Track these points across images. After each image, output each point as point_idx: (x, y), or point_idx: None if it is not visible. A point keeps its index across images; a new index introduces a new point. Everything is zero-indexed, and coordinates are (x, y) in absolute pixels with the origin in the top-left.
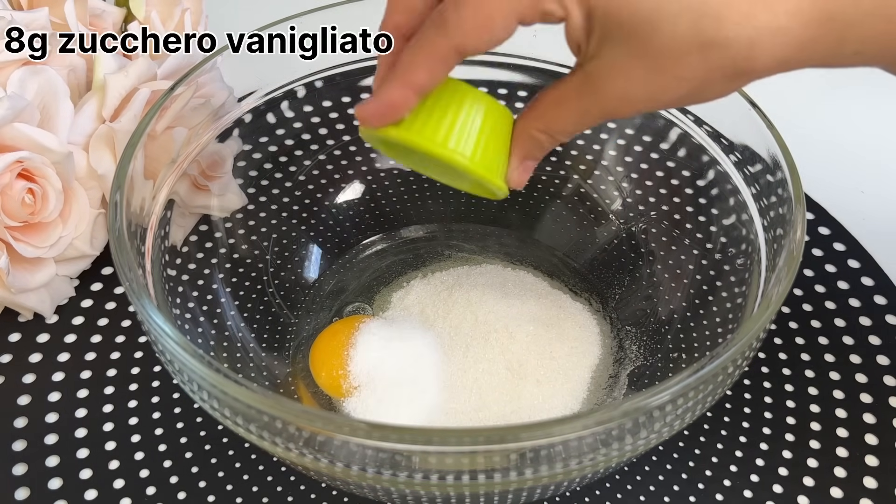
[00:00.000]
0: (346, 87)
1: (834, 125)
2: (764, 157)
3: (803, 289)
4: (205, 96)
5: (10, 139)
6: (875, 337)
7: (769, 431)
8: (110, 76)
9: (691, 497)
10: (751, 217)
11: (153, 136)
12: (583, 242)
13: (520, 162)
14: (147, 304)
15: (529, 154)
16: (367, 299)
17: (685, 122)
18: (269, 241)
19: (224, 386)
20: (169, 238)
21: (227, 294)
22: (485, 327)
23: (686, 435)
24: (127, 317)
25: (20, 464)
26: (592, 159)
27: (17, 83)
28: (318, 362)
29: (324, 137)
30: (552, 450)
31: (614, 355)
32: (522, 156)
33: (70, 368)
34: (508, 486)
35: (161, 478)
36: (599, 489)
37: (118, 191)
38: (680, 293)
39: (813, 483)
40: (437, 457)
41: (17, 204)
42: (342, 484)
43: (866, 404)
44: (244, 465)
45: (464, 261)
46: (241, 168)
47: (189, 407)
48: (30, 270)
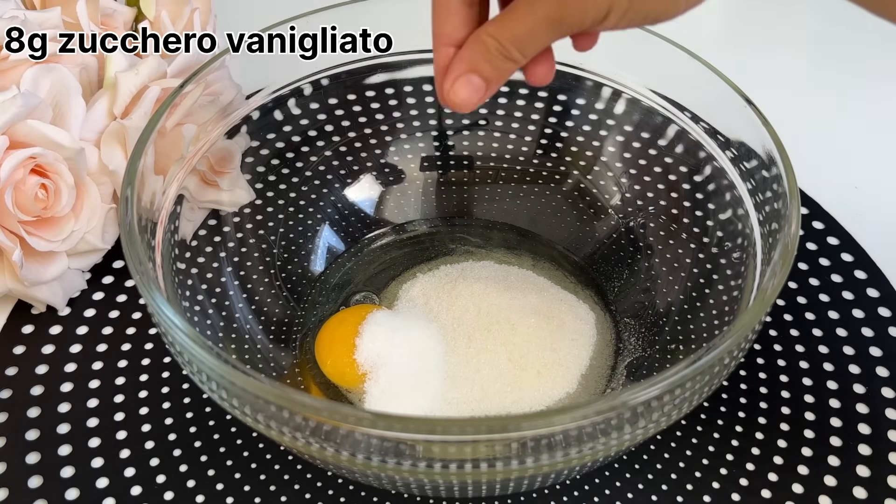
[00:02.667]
0: (352, 85)
1: (828, 122)
2: (759, 154)
3: (798, 282)
4: (213, 94)
5: (23, 136)
6: (868, 329)
7: (764, 421)
8: (121, 74)
9: (688, 485)
10: (747, 212)
11: (163, 132)
12: (583, 237)
13: (461, 72)
14: (157, 297)
15: (473, 62)
16: (373, 291)
17: (683, 119)
18: (277, 236)
19: (232, 377)
20: (178, 232)
21: (235, 287)
22: (487, 319)
23: (686, 423)
24: (137, 309)
25: (33, 452)
26: (592, 155)
27: (31, 81)
28: (324, 350)
29: (330, 134)
30: (553, 439)
31: (613, 347)
32: (466, 64)
33: (82, 360)
34: (510, 475)
35: (171, 466)
36: (599, 477)
37: (129, 186)
38: (678, 286)
39: (802, 490)
40: (440, 446)
41: (31, 199)
42: (347, 472)
43: (859, 395)
44: (253, 454)
45: (468, 254)
46: (249, 164)
47: (198, 397)
48: (43, 264)
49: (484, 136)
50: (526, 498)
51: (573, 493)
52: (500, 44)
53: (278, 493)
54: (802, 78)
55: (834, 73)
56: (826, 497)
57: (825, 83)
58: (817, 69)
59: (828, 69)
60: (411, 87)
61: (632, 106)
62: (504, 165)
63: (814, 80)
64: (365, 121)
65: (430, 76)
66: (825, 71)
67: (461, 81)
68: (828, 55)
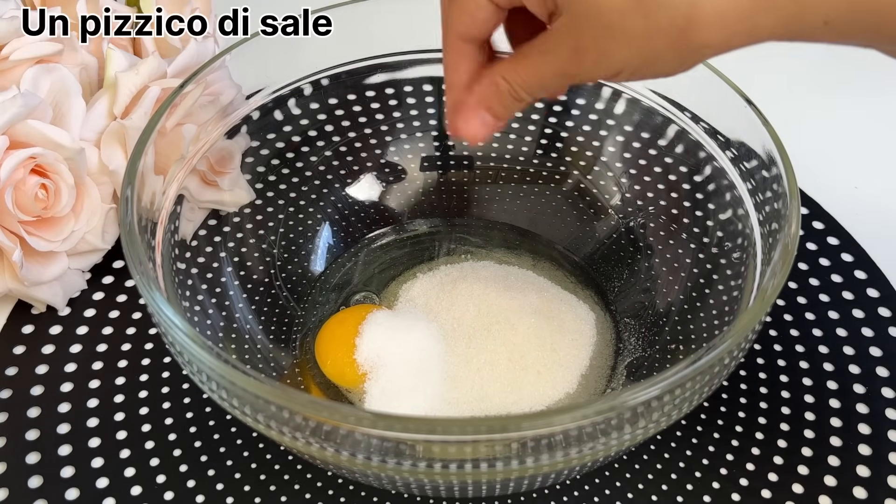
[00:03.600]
0: (352, 85)
1: (828, 122)
2: (760, 154)
3: (798, 282)
4: (213, 94)
5: (23, 136)
6: (868, 329)
7: (764, 421)
8: (121, 74)
9: (688, 485)
10: (747, 212)
11: (163, 132)
12: (583, 237)
13: (476, 109)
14: (157, 297)
15: (485, 100)
16: (373, 291)
17: (682, 119)
18: (277, 235)
19: (232, 376)
20: (178, 232)
21: (235, 287)
22: (487, 319)
23: (686, 423)
24: (137, 309)
25: (33, 452)
26: (592, 155)
27: (31, 81)
28: (324, 350)
29: (330, 134)
30: (552, 439)
31: (613, 347)
32: (478, 102)
33: (82, 360)
34: (510, 475)
35: (171, 466)
36: (599, 477)
37: (129, 186)
38: (678, 286)
39: (802, 490)
40: (440, 446)
41: (31, 199)
42: (347, 472)
43: (859, 395)
44: (253, 454)
45: (468, 254)
46: (249, 164)
47: (198, 397)
48: (43, 264)
49: None
50: (526, 498)
51: (573, 493)
52: (512, 87)
53: (278, 493)
54: (802, 78)
55: (834, 73)
56: (826, 497)
57: (825, 83)
58: (817, 69)
59: (828, 69)
60: (411, 87)
61: (632, 106)
62: (504, 165)
63: (814, 80)
64: (365, 121)
65: (429, 76)
66: (825, 71)
67: (474, 117)
68: (828, 55)
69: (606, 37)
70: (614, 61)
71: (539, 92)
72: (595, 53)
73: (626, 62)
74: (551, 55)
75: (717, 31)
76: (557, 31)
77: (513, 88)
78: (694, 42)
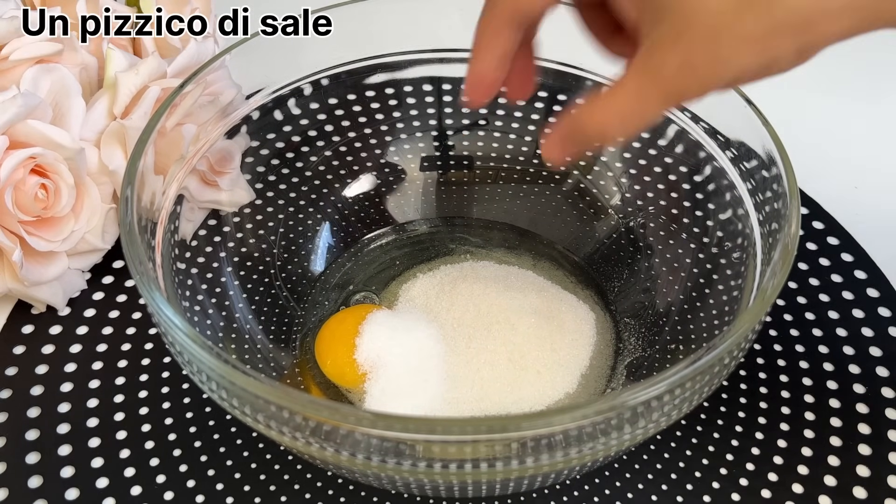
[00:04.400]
0: (352, 85)
1: (828, 122)
2: (759, 154)
3: (798, 282)
4: (213, 94)
5: (23, 136)
6: (868, 329)
7: (764, 421)
8: (121, 74)
9: (688, 485)
10: (747, 212)
11: (163, 132)
12: (583, 237)
13: (560, 140)
14: (157, 297)
15: (568, 137)
16: (373, 291)
17: (682, 119)
18: (277, 235)
19: (232, 376)
20: (178, 232)
21: (235, 287)
22: (487, 319)
23: (686, 423)
24: (137, 309)
25: (33, 452)
26: (592, 155)
27: (31, 81)
28: (324, 350)
29: (330, 134)
30: (552, 439)
31: (613, 347)
32: (562, 136)
33: (82, 360)
34: (510, 475)
35: (171, 466)
36: (599, 477)
37: (129, 186)
38: (677, 286)
39: (802, 490)
40: (440, 446)
41: (31, 199)
42: (347, 472)
43: (859, 395)
44: (253, 454)
45: (468, 254)
46: (249, 164)
47: (198, 397)
48: (43, 264)
49: (484, 136)
50: (526, 498)
51: (573, 493)
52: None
53: (278, 493)
54: (802, 78)
55: (834, 72)
56: (826, 497)
57: (825, 83)
58: (817, 69)
59: (828, 69)
60: (411, 87)
61: None
62: (504, 165)
63: (814, 80)
64: (365, 121)
65: (429, 76)
66: (825, 71)
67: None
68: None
69: (720, 43)
70: (731, 69)
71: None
72: (709, 64)
73: (744, 68)
74: (655, 75)
75: (847, 18)
76: (661, 45)
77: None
78: (819, 33)
